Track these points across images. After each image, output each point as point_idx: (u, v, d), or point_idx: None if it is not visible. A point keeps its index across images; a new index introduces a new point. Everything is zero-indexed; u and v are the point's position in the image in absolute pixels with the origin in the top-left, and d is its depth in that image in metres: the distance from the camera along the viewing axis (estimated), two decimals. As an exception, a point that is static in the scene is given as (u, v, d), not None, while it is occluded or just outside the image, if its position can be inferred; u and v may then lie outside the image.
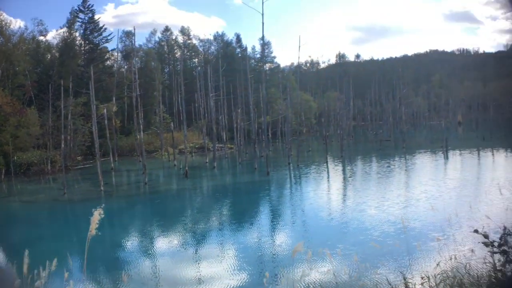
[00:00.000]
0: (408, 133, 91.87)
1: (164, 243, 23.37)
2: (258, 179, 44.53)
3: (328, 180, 42.34)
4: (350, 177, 44.54)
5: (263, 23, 45.24)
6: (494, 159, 51.56)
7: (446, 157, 53.71)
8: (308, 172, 47.96)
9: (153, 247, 22.49)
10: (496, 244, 7.36)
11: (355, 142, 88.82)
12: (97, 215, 6.69)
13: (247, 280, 16.36)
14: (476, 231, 7.60)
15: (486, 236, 7.36)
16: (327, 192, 36.45)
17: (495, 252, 7.35)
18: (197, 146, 71.22)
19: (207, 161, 56.33)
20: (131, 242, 24.33)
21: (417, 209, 26.31)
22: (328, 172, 46.72)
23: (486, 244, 7.37)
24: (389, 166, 49.66)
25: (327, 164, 51.36)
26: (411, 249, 15.33)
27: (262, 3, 44.16)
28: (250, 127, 70.11)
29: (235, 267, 17.85)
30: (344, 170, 48.83)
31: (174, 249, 21.81)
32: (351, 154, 64.55)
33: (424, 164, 51.14)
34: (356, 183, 40.20)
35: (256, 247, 21.04)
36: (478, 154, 55.86)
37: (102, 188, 39.03)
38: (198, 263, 19.05)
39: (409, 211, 26.09)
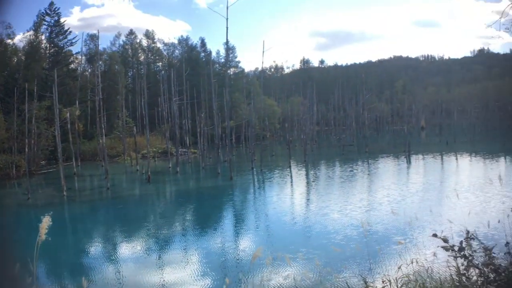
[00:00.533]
0: (371, 138, 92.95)
1: (126, 248, 23.04)
2: (222, 183, 44.43)
3: (292, 185, 42.48)
4: (313, 181, 44.72)
5: (227, 27, 46.03)
6: (458, 164, 52.41)
7: (409, 162, 54.46)
8: (271, 176, 48.03)
9: (115, 252, 22.20)
10: (456, 248, 7.35)
11: (318, 146, 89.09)
12: (46, 221, 6.52)
13: (207, 286, 16.24)
14: (435, 235, 7.57)
15: (445, 240, 7.34)
16: (290, 196, 36.60)
17: (456, 257, 7.34)
18: (160, 150, 70.59)
19: (170, 166, 56.00)
20: (93, 248, 23.94)
21: (380, 213, 26.58)
22: (291, 177, 46.83)
23: (446, 249, 7.35)
24: (352, 171, 50.01)
25: (290, 168, 51.48)
26: (373, 252, 15.38)
27: (227, 8, 44.58)
28: (213, 131, 69.87)
29: (197, 273, 17.70)
30: (307, 175, 49.04)
31: (136, 255, 21.51)
32: (314, 159, 64.79)
33: (387, 168, 51.69)
34: (319, 188, 40.41)
35: (218, 252, 20.93)
36: (441, 158, 56.70)
37: (65, 193, 38.56)
38: (161, 269, 18.84)
39: (371, 215, 26.35)
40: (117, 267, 19.47)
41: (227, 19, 44.60)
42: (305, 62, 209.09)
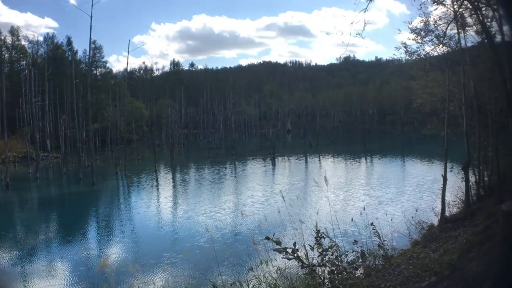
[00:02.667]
0: (239, 141, 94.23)
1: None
2: (83, 190, 43.20)
3: (157, 189, 42.26)
4: (179, 185, 44.71)
5: (91, 26, 44.85)
6: (321, 165, 54.54)
7: (274, 164, 55.82)
8: (136, 181, 47.38)
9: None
10: (290, 250, 7.44)
11: (186, 150, 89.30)
12: None
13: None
14: (267, 238, 7.64)
15: (278, 243, 7.41)
16: (155, 201, 36.36)
17: (290, 259, 7.44)
18: (20, 155, 67.33)
19: (30, 171, 53.52)
20: None
21: (241, 214, 26.87)
22: (157, 181, 46.64)
23: (278, 251, 7.40)
24: (218, 173, 50.50)
25: (156, 172, 51.16)
26: (225, 256, 15.46)
27: (92, 5, 43.78)
28: (77, 134, 67.73)
29: (45, 284, 16.97)
30: (173, 178, 48.95)
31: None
32: (182, 162, 64.85)
33: (253, 170, 52.81)
34: (185, 191, 40.61)
35: (74, 262, 20.10)
36: (305, 160, 58.70)
37: None
38: (19, 281, 17.91)
39: (235, 216, 26.98)
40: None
41: (91, 17, 43.99)
42: (175, 64, 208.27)
